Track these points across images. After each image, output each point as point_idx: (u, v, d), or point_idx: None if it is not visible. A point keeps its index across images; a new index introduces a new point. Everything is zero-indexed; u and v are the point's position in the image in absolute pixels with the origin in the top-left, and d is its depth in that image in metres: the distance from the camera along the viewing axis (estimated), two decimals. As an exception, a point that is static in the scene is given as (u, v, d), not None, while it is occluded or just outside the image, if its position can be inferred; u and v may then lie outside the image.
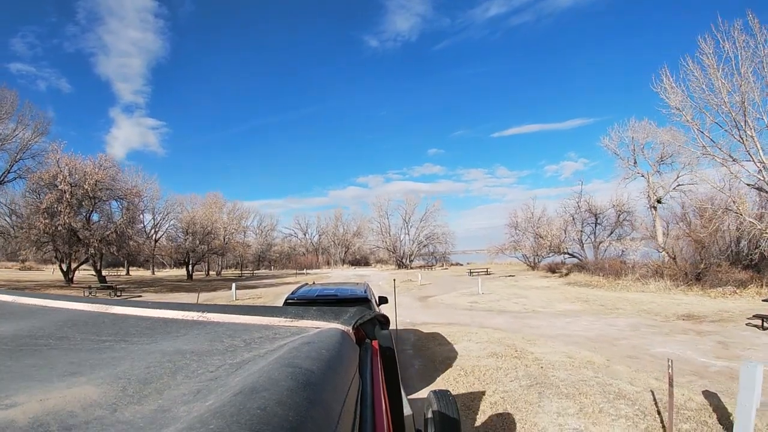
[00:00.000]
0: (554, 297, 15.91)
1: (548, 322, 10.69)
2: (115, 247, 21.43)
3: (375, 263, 59.12)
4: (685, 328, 10.08)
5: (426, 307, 13.90)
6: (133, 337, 0.91)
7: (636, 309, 12.87)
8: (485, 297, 16.20)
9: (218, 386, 0.57)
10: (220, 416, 0.39)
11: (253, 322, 1.00)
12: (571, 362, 6.68)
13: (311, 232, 70.98)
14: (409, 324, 10.62)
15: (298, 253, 66.17)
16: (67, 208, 20.77)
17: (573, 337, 8.82)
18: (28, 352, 0.79)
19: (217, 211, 41.09)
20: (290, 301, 5.03)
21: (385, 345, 1.05)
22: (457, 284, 23.11)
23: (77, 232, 21.50)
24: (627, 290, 18.57)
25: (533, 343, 7.96)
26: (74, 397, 0.52)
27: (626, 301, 14.82)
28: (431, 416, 1.64)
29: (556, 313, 12.08)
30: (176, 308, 1.14)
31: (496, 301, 14.78)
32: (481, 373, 6.02)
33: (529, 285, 21.71)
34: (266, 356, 0.69)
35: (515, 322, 10.69)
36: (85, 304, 1.27)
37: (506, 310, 12.90)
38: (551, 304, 13.92)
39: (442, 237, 49.92)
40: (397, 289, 21.58)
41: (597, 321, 10.85)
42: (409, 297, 17.06)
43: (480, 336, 8.58)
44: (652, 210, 30.28)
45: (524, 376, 5.83)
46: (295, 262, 61.39)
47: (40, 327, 0.99)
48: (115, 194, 22.67)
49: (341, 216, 66.83)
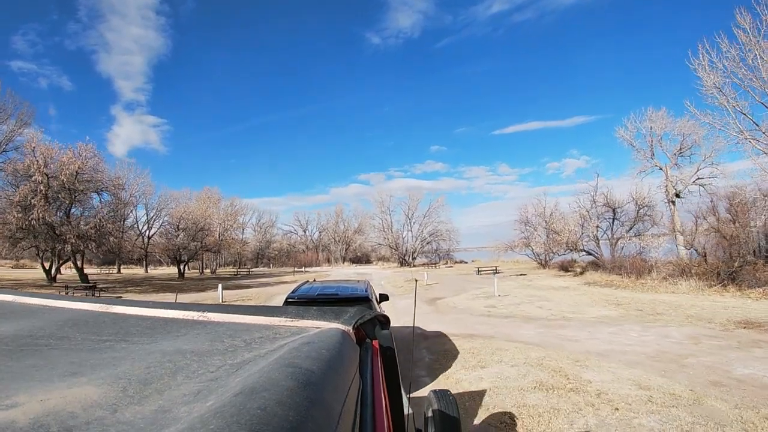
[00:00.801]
0: (580, 300, 14.09)
1: (587, 332, 8.89)
2: (94, 244, 19.63)
3: (376, 261, 57.29)
4: (754, 339, 8.28)
5: (437, 313, 12.10)
6: (133, 336, 0.91)
7: (681, 315, 11.06)
8: (502, 300, 14.39)
9: (218, 386, 0.57)
10: (221, 416, 0.40)
11: (254, 321, 1.01)
12: (649, 397, 4.88)
13: (311, 229, 69.32)
14: (419, 335, 8.85)
15: (298, 250, 64.48)
16: (42, 201, 19.02)
17: (628, 355, 7.03)
18: (28, 352, 0.79)
19: (212, 207, 39.37)
20: (291, 300, 4.94)
21: (386, 345, 1.06)
22: (466, 284, 21.31)
23: (54, 228, 19.76)
24: (655, 291, 16.77)
25: (585, 366, 6.17)
26: (75, 397, 0.53)
27: (664, 304, 13.00)
28: (431, 415, 1.62)
29: (592, 321, 10.27)
30: (177, 308, 1.14)
31: (516, 305, 12.97)
32: (534, 421, 4.23)
33: (546, 285, 19.89)
34: (267, 356, 0.69)
35: (548, 333, 8.89)
36: (85, 303, 1.28)
37: (531, 316, 11.09)
38: (581, 309, 12.10)
39: (446, 234, 47.97)
40: (402, 290, 19.92)
41: (645, 331, 9.04)
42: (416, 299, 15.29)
43: (513, 355, 6.79)
44: (670, 205, 28.49)
45: (599, 427, 4.04)
46: (295, 260, 59.77)
47: (41, 327, 1.00)
48: (95, 186, 20.86)
49: (342, 212, 65.05)
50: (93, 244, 19.47)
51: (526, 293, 16.30)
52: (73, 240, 19.01)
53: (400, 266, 46.19)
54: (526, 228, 30.45)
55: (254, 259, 65.04)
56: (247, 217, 66.78)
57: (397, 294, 17.38)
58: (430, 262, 48.73)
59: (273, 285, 24.15)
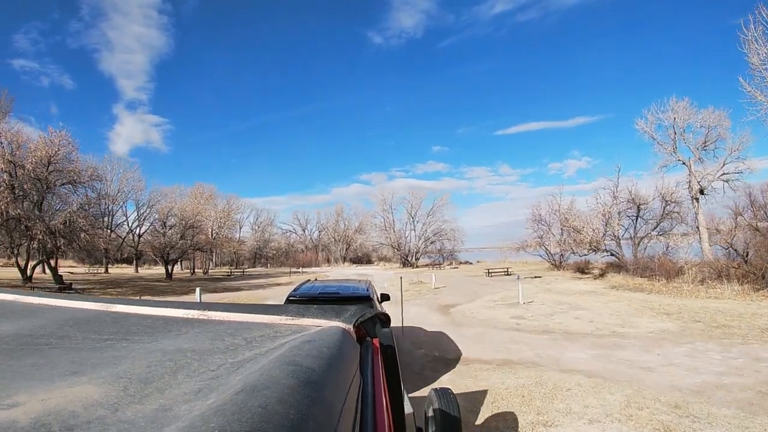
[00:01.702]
0: (620, 308, 12.00)
1: (657, 355, 6.81)
2: (64, 240, 17.60)
3: (378, 261, 55.20)
4: None
5: (454, 325, 10.02)
6: (134, 335, 0.90)
7: (751, 326, 8.98)
8: (529, 308, 12.30)
9: (219, 385, 0.57)
10: (222, 415, 0.40)
11: (255, 320, 1.00)
12: None
13: (311, 228, 67.26)
14: (438, 358, 6.78)
15: (297, 250, 62.40)
16: (5, 191, 17.00)
17: (733, 391, 4.94)
18: (29, 351, 0.78)
19: (205, 203, 37.37)
20: (292, 298, 4.82)
21: (386, 343, 1.05)
22: (479, 287, 19.22)
23: (22, 221, 17.74)
24: (695, 296, 14.68)
25: (694, 417, 4.09)
26: (76, 396, 0.52)
27: (720, 313, 10.91)
28: (432, 414, 1.60)
29: (651, 337, 8.19)
30: (177, 306, 1.15)
31: (547, 316, 10.87)
32: None
33: (568, 289, 17.78)
34: (267, 354, 0.69)
35: (606, 356, 6.80)
36: (86, 303, 1.28)
37: (572, 331, 9.01)
38: (628, 321, 10.02)
39: (451, 233, 45.78)
40: (407, 293, 17.88)
41: (727, 352, 6.97)
42: (425, 306, 13.19)
43: (583, 400, 4.70)
44: (694, 202, 26.44)
45: None
46: (294, 260, 57.71)
47: (42, 326, 0.99)
48: (67, 177, 18.83)
49: (342, 211, 62.88)
50: (63, 241, 17.44)
51: (552, 299, 14.21)
52: (41, 236, 17.00)
53: (402, 267, 44.12)
54: (539, 227, 28.37)
55: (252, 258, 63.06)
56: (244, 215, 64.93)
57: (404, 300, 15.33)
58: (434, 263, 46.61)
59: (265, 288, 22.11)
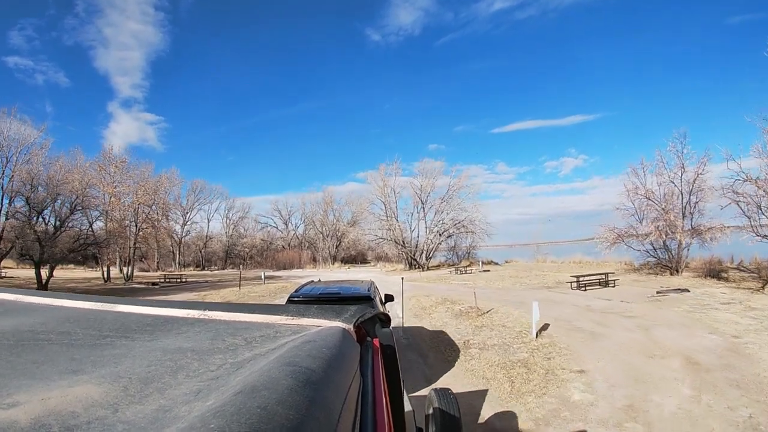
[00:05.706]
0: None
1: None
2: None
3: (375, 261, 44.26)
4: None
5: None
6: (134, 333, 0.89)
7: None
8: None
9: (219, 385, 0.57)
10: (221, 415, 0.40)
11: (255, 320, 0.99)
12: None
13: (295, 222, 56.25)
14: None
15: (276, 248, 51.41)
16: None
17: None
18: (29, 348, 0.77)
19: (122, 176, 26.40)
20: (293, 299, 4.80)
21: (386, 343, 1.04)
22: (603, 324, 8.48)
23: None
24: None
25: None
26: (76, 396, 0.52)
27: None
28: (432, 413, 1.60)
29: None
30: (178, 306, 1.12)
31: None
32: None
33: None
34: (267, 355, 0.68)
35: None
36: (87, 302, 1.26)
37: None
38: None
39: (475, 225, 34.79)
40: (462, 337, 7.10)
41: None
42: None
43: None
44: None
45: None
46: (273, 260, 46.79)
47: (42, 322, 0.97)
48: None
49: (332, 201, 51.86)
50: None
51: None
52: None
53: (408, 268, 33.27)
54: (642, 210, 17.72)
55: (225, 258, 52.21)
56: (213, 206, 53.94)
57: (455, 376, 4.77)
58: (449, 263, 35.87)
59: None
